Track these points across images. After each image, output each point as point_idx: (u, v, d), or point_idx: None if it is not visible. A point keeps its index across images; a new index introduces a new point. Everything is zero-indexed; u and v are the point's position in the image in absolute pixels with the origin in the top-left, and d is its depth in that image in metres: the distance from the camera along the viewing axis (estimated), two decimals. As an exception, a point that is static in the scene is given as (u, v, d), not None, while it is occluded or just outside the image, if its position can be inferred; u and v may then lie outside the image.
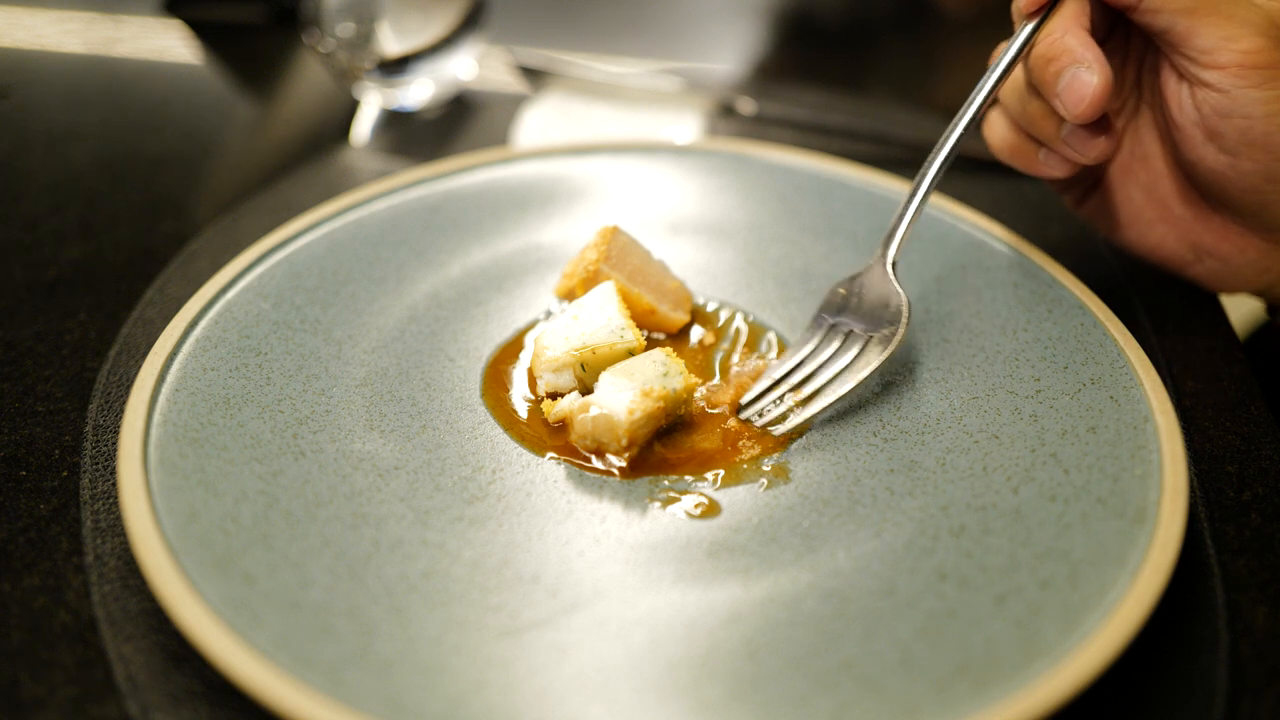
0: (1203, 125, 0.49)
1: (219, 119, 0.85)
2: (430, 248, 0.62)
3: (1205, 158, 0.50)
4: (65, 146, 0.78)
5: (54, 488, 0.48)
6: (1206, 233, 0.55)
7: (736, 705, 0.36)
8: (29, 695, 0.39)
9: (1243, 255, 0.54)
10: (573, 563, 0.43)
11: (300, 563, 0.41)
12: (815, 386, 0.51)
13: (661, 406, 0.48)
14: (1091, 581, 0.40)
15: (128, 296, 0.61)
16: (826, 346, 0.53)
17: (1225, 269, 0.56)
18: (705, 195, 0.67)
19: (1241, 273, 0.55)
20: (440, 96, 0.84)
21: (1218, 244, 0.55)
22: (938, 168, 0.52)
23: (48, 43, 0.96)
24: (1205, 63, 0.47)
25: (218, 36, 0.99)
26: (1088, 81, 0.47)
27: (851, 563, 0.43)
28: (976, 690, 0.36)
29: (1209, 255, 0.55)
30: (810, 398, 0.51)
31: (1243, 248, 0.54)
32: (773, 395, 0.52)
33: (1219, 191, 0.51)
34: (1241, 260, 0.55)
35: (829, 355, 0.52)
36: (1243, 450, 0.51)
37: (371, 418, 0.50)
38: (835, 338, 0.53)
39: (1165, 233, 0.56)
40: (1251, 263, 0.55)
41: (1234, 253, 0.55)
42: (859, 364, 0.51)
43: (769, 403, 0.52)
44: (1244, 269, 0.55)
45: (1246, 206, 0.51)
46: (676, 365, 0.49)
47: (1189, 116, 0.50)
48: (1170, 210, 0.56)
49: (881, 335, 0.51)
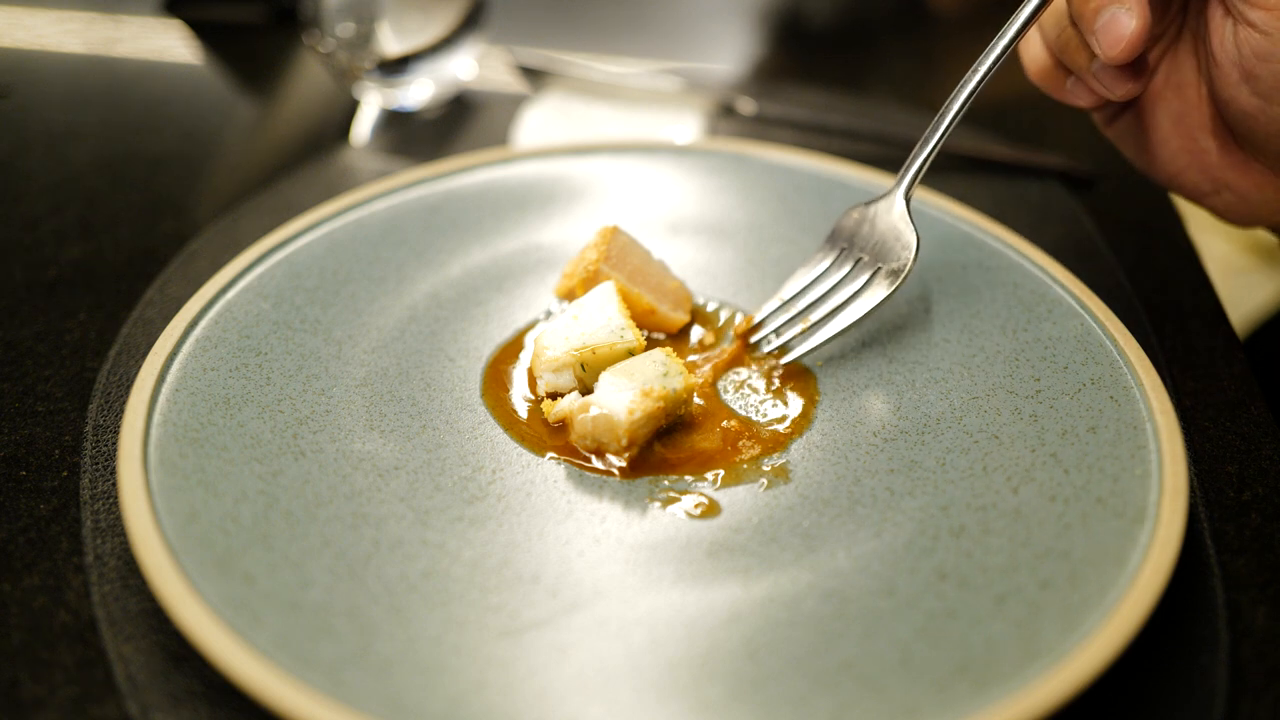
0: (1240, 65, 0.49)
1: (219, 119, 0.85)
2: (430, 248, 0.62)
3: (1238, 98, 0.50)
4: (65, 146, 0.78)
5: (54, 488, 0.48)
6: (1228, 168, 0.55)
7: (736, 705, 0.36)
8: (29, 695, 0.39)
9: (1261, 192, 0.55)
10: (573, 563, 0.43)
11: (300, 563, 0.41)
12: (821, 314, 0.52)
13: (661, 406, 0.48)
14: (1091, 581, 0.40)
15: (128, 296, 0.61)
16: (836, 271, 0.54)
17: (1242, 204, 0.56)
18: (705, 195, 0.67)
19: (1258, 210, 0.55)
20: (440, 96, 0.84)
21: (1238, 179, 0.55)
22: (967, 95, 0.51)
23: (48, 43, 0.96)
24: (1254, 1, 0.47)
25: (218, 36, 0.99)
26: (1126, 24, 0.47)
27: (851, 563, 0.43)
28: (976, 690, 0.36)
29: (1228, 189, 0.55)
30: (814, 326, 0.51)
31: (1261, 185, 0.54)
32: (781, 319, 0.53)
33: (1246, 132, 0.51)
34: (1259, 197, 0.55)
35: (837, 280, 0.53)
36: (1243, 450, 0.51)
37: (371, 418, 0.50)
38: (845, 263, 0.54)
39: (1188, 163, 0.56)
40: (1268, 200, 0.55)
41: (1253, 189, 0.55)
42: (865, 295, 0.51)
43: (775, 329, 0.53)
44: (1261, 206, 0.55)
45: (1272, 149, 0.51)
46: (676, 365, 0.49)
47: (1229, 54, 0.49)
48: (1196, 142, 0.55)
49: (890, 269, 0.51)
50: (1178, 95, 0.55)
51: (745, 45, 1.04)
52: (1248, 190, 0.55)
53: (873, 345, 0.55)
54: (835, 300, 0.53)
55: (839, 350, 0.55)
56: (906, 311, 0.57)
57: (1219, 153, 0.55)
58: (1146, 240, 0.68)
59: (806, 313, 0.53)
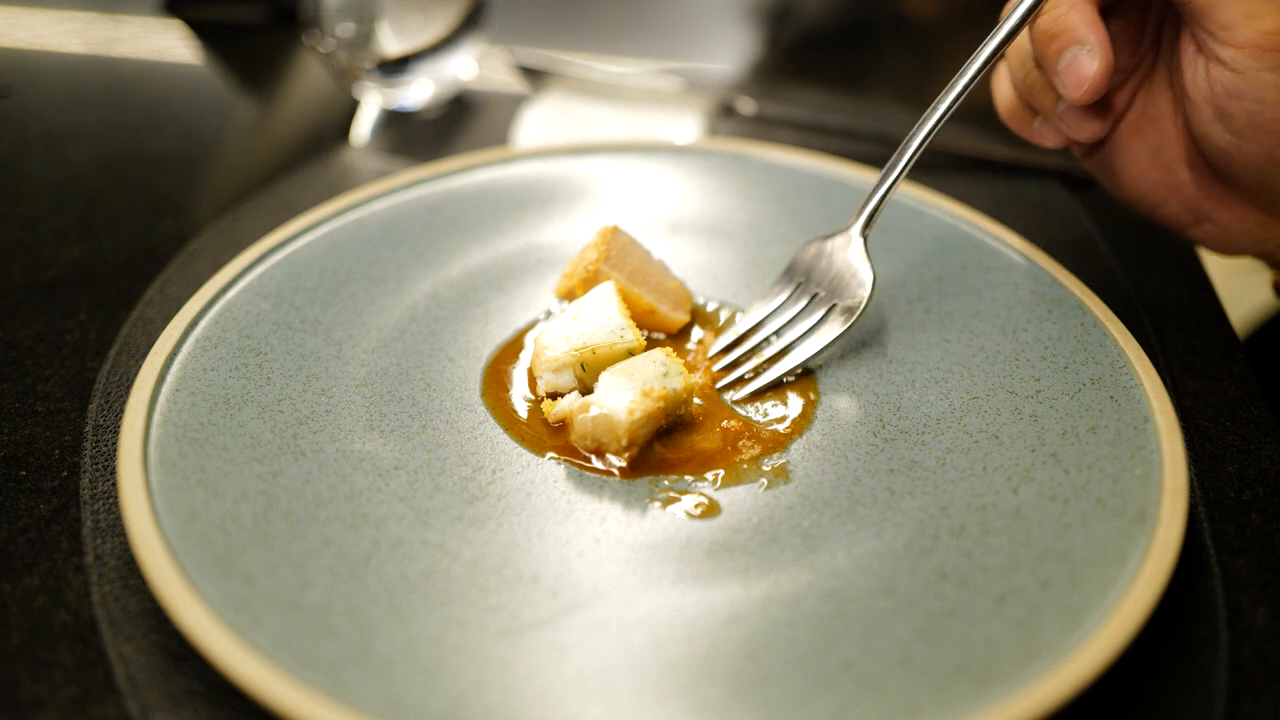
0: (1213, 103, 0.48)
1: (219, 119, 0.85)
2: (430, 248, 0.62)
3: (1212, 134, 0.49)
4: (65, 146, 0.78)
5: (54, 488, 0.48)
6: (1208, 200, 0.55)
7: (736, 705, 0.36)
8: (29, 695, 0.39)
9: (1241, 224, 0.54)
10: (573, 563, 0.43)
11: (300, 563, 0.41)
12: (774, 351, 0.53)
13: (661, 406, 0.48)
14: (1091, 581, 0.40)
15: (128, 296, 0.61)
16: (792, 306, 0.55)
17: (1224, 235, 0.55)
18: (705, 195, 0.67)
19: (1239, 240, 0.55)
20: (440, 96, 0.84)
21: (1218, 211, 0.55)
22: (924, 137, 0.51)
23: (48, 43, 0.96)
24: (1223, 39, 0.46)
25: (218, 36, 0.99)
26: (1088, 65, 0.47)
27: (851, 563, 0.43)
28: (976, 690, 0.36)
29: (1209, 220, 0.55)
30: (766, 364, 0.53)
31: (1242, 217, 0.54)
32: (736, 352, 0.54)
33: (1223, 167, 0.51)
34: (1240, 229, 0.55)
35: (793, 315, 0.54)
36: (1243, 450, 0.51)
37: (371, 418, 0.50)
38: (802, 297, 0.54)
39: (1168, 195, 0.56)
40: (1249, 232, 0.55)
41: (1233, 221, 0.54)
42: (819, 332, 0.52)
43: (730, 361, 0.54)
44: (1242, 237, 0.55)
45: (1249, 184, 0.51)
46: (676, 365, 0.49)
47: (1201, 91, 0.49)
48: (1174, 174, 0.55)
49: (845, 305, 0.52)
50: (1154, 128, 0.55)
51: (745, 45, 1.04)
52: (1228, 222, 0.54)
53: (873, 345, 0.55)
54: (790, 336, 0.54)
55: (839, 350, 0.55)
56: (906, 311, 0.57)
57: (1197, 185, 0.54)
58: (1146, 240, 0.68)
59: (760, 348, 0.54)
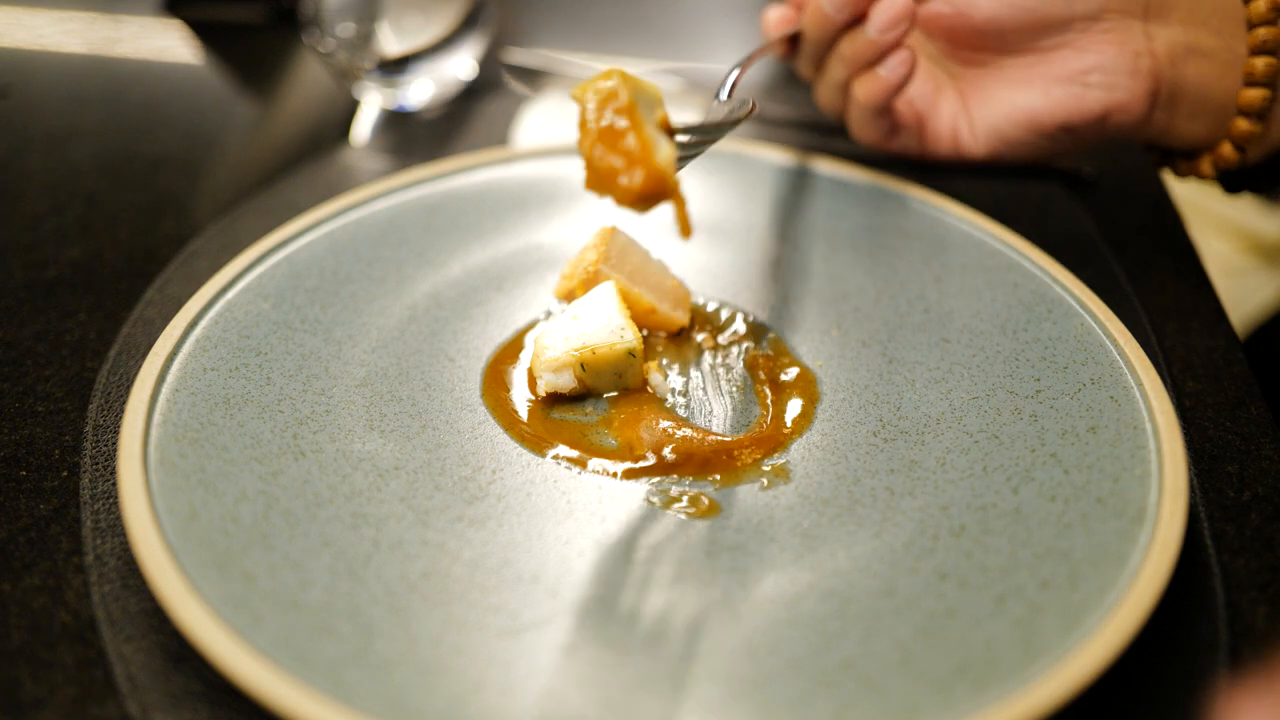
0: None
1: (219, 119, 0.85)
2: (430, 248, 0.62)
3: (979, 7, 0.62)
4: (65, 146, 0.78)
5: (54, 488, 0.48)
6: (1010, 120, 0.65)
7: (736, 705, 0.36)
8: (29, 695, 0.39)
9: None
10: (573, 563, 0.43)
11: (300, 563, 0.41)
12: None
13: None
14: (1091, 581, 0.40)
15: (128, 296, 0.61)
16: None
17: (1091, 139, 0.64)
18: (705, 195, 0.67)
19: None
20: (440, 96, 0.84)
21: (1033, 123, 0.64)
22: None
23: (48, 43, 0.96)
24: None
25: (218, 36, 0.99)
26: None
27: (851, 563, 0.43)
28: (976, 690, 0.36)
29: (1065, 135, 0.64)
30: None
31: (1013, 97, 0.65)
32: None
33: (997, 35, 0.63)
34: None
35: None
36: (1243, 450, 0.51)
37: (371, 418, 0.50)
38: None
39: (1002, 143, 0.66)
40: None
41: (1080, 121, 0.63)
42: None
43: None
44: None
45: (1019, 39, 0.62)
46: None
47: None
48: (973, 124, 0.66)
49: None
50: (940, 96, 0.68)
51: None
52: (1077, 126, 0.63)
53: (873, 345, 0.55)
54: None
55: (839, 350, 0.55)
56: (906, 311, 0.57)
57: (1007, 120, 0.64)
58: (1146, 240, 0.68)
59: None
